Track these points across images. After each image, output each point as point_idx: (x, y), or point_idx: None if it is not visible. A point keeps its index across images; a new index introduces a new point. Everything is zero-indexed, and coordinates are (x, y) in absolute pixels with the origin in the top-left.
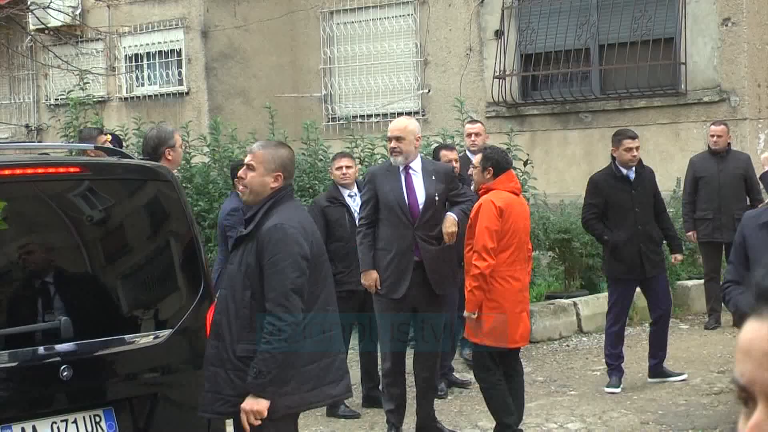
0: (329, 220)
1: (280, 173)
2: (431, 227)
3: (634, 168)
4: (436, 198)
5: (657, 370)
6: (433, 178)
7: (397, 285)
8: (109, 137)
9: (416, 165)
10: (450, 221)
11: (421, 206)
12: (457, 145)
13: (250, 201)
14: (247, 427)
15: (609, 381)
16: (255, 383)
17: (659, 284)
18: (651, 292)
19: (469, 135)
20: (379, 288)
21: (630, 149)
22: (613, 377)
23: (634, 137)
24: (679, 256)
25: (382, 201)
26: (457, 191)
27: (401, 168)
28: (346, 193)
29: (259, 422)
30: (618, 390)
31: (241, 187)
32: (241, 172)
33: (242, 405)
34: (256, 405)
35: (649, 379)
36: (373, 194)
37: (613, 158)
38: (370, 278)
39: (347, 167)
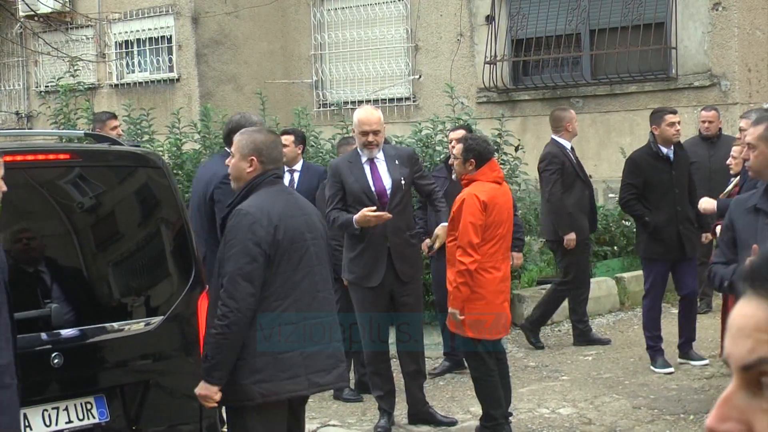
0: None
1: (253, 157)
2: (400, 213)
3: (673, 147)
4: (403, 182)
5: (684, 350)
6: (397, 162)
7: (372, 274)
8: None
9: (378, 153)
10: (444, 234)
11: (389, 192)
12: (447, 130)
13: (234, 188)
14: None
15: (656, 362)
16: (204, 367)
17: (691, 264)
18: (681, 273)
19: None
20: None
21: (673, 124)
22: (659, 359)
23: (675, 112)
24: (710, 235)
25: (348, 192)
26: (420, 173)
27: (365, 158)
28: None
29: (213, 405)
30: (671, 369)
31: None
32: (227, 160)
33: (195, 389)
34: (203, 390)
35: (680, 360)
36: (339, 187)
37: (653, 137)
38: (364, 212)
39: None
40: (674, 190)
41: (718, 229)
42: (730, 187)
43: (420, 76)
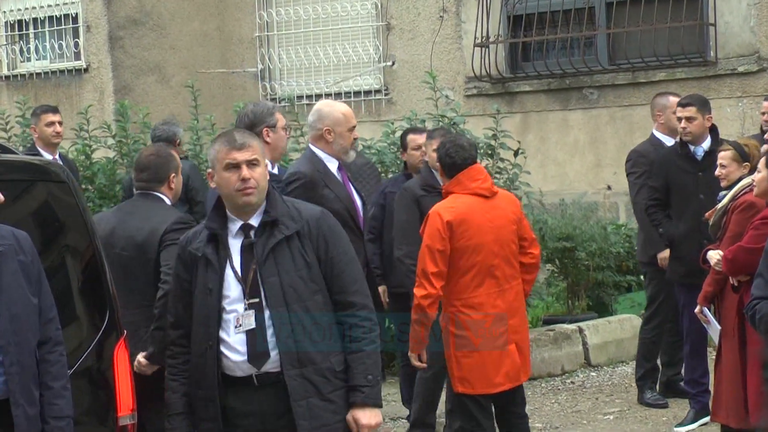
0: (423, 212)
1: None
2: (361, 237)
3: (707, 144)
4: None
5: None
6: (351, 174)
7: None
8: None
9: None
10: None
11: (360, 212)
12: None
13: (260, 202)
14: None
15: (686, 415)
16: (374, 392)
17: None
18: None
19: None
20: None
21: (679, 119)
22: (691, 410)
23: (684, 105)
24: None
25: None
26: None
27: (335, 166)
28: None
29: None
30: (694, 426)
31: (250, 189)
32: (246, 173)
33: (362, 422)
34: (374, 418)
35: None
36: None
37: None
38: None
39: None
40: (699, 195)
41: (711, 254)
42: (724, 201)
43: (393, 63)
